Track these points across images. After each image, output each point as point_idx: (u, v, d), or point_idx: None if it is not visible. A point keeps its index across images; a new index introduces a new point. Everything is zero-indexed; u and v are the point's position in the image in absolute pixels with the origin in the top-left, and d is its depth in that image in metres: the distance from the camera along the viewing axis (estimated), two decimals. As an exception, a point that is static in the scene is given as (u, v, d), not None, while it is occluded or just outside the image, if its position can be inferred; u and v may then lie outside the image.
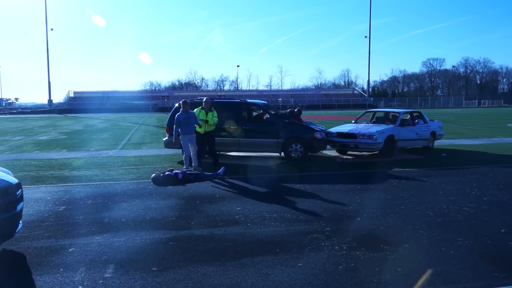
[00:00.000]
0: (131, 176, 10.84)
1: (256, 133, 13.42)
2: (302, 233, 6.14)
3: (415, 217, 6.90)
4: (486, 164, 12.33)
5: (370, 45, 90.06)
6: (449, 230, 6.21)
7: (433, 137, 16.02)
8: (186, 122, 11.27)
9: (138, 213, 7.30)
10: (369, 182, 9.84)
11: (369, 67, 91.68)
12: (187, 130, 11.31)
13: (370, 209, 7.45)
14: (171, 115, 14.00)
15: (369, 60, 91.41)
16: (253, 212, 7.30)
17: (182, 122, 11.27)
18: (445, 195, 8.47)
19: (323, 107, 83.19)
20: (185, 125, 11.27)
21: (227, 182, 9.97)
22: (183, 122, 11.27)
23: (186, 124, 11.27)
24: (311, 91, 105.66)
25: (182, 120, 11.28)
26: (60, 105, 78.24)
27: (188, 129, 11.31)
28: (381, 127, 14.25)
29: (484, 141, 18.76)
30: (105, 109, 74.22)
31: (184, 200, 8.29)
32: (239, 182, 10.03)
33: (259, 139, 13.36)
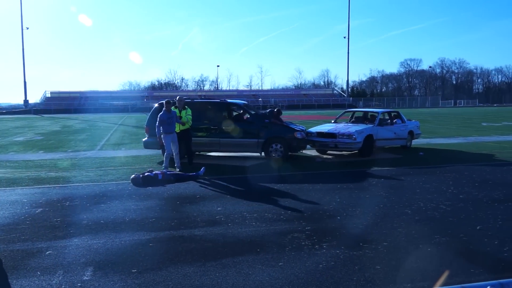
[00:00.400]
0: (110, 177, 10.71)
1: (236, 133, 13.39)
2: (282, 232, 6.16)
3: (394, 215, 6.98)
4: (462, 162, 12.56)
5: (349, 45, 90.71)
6: (426, 228, 6.31)
7: (410, 137, 16.25)
8: (169, 121, 11.49)
9: (117, 215, 7.22)
10: (348, 181, 9.92)
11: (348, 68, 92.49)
12: (170, 129, 11.52)
13: (349, 208, 7.51)
14: (150, 116, 13.91)
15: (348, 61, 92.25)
16: (234, 212, 7.29)
17: (165, 121, 11.44)
18: (423, 193, 8.60)
19: (303, 107, 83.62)
20: (168, 124, 11.47)
21: (207, 183, 9.94)
22: (166, 122, 11.45)
23: (169, 123, 11.48)
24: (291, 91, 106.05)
25: (165, 120, 11.45)
26: (36, 105, 76.82)
27: (171, 128, 11.54)
28: (360, 126, 14.39)
29: (460, 140, 19.12)
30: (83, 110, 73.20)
31: (164, 201, 8.23)
32: (219, 182, 10.00)
33: (239, 139, 13.35)
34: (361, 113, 17.05)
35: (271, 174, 10.97)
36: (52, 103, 78.95)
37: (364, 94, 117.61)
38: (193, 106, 14.06)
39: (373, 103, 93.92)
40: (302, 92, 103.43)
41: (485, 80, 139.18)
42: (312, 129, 14.92)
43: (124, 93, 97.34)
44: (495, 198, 8.16)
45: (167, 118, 11.46)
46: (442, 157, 13.86)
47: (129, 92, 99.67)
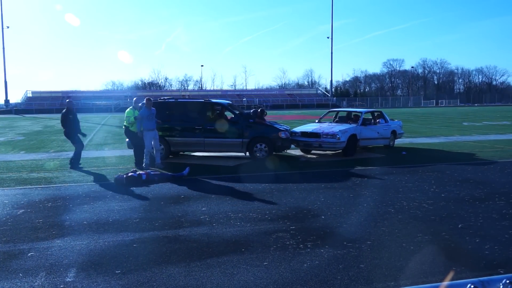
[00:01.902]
0: (93, 178, 10.60)
1: (220, 133, 13.38)
2: (267, 232, 6.17)
3: (377, 214, 7.05)
4: (443, 161, 12.73)
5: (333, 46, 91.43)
6: (409, 226, 6.38)
7: (393, 136, 16.41)
8: (149, 118, 11.82)
9: (101, 216, 7.15)
10: (332, 181, 9.98)
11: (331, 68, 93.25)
12: (150, 126, 11.85)
13: (333, 207, 7.56)
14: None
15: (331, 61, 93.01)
16: (218, 212, 7.28)
17: (145, 118, 11.76)
18: (405, 192, 8.70)
19: (287, 107, 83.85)
20: (149, 121, 11.80)
21: (192, 183, 9.90)
22: (147, 118, 11.77)
23: (149, 120, 11.81)
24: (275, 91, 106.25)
25: (146, 116, 11.77)
26: (17, 105, 75.70)
27: (151, 125, 11.87)
28: (344, 126, 14.48)
29: (441, 140, 19.38)
30: (66, 109, 72.02)
31: (148, 201, 8.18)
32: (204, 182, 9.98)
33: (223, 139, 13.33)
34: (345, 113, 17.17)
35: (255, 174, 10.98)
36: (33, 103, 77.84)
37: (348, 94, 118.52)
38: (177, 106, 14.03)
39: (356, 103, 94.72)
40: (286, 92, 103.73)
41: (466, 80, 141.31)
42: (296, 129, 14.97)
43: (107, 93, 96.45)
44: (476, 196, 8.29)
45: (148, 114, 11.79)
46: (424, 156, 14.03)
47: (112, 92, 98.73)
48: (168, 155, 13.57)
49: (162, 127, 13.36)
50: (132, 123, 12.12)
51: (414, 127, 27.89)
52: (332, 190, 8.95)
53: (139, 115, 11.86)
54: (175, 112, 13.84)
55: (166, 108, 13.87)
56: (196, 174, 10.80)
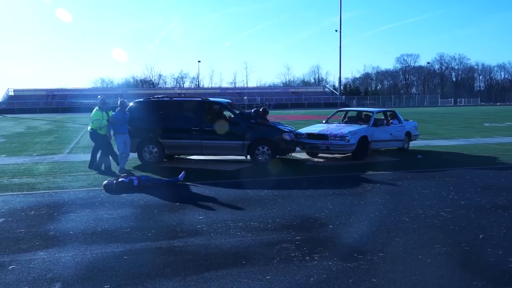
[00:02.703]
0: (80, 184, 10.60)
1: (219, 134, 13.37)
2: (270, 243, 6.15)
3: (390, 224, 7.03)
4: (463, 166, 12.70)
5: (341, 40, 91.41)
6: (425, 237, 6.36)
7: (408, 138, 16.39)
8: (122, 121, 12.15)
9: (88, 225, 7.14)
10: (341, 187, 9.96)
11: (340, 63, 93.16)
12: (122, 129, 12.17)
13: (342, 215, 7.54)
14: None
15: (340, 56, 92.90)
16: (217, 221, 7.27)
17: (117, 121, 12.09)
18: (421, 199, 8.67)
19: (292, 106, 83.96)
20: (121, 124, 12.13)
21: (188, 189, 9.89)
22: (118, 121, 12.10)
23: (122, 123, 12.14)
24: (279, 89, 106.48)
25: (118, 120, 12.10)
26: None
27: (123, 129, 12.18)
28: (354, 127, 14.47)
29: (460, 142, 19.36)
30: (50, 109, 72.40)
31: (140, 209, 8.17)
32: (201, 188, 9.97)
33: (222, 141, 13.32)
34: (355, 113, 17.15)
35: (257, 179, 10.97)
36: (15, 102, 78.08)
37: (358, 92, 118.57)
38: (172, 105, 14.04)
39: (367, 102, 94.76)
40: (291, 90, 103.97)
41: (487, 77, 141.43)
42: (302, 130, 14.96)
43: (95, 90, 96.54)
44: (499, 204, 8.26)
45: (122, 118, 12.14)
46: (441, 160, 14.00)
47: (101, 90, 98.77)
48: (162, 159, 13.57)
49: (156, 128, 13.38)
50: (102, 126, 12.10)
51: (431, 128, 27.86)
52: (341, 197, 8.93)
53: (112, 118, 12.06)
54: (169, 112, 13.84)
55: (160, 107, 13.88)
56: (193, 180, 10.79)
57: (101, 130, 12.21)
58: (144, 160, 13.40)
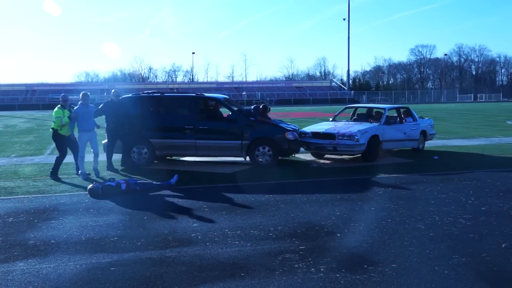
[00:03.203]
0: (62, 188, 10.61)
1: (215, 133, 13.39)
2: (271, 253, 6.15)
3: (404, 232, 7.03)
4: (484, 168, 12.71)
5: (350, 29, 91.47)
6: (442, 246, 6.36)
7: (423, 137, 16.39)
8: (86, 117, 11.84)
9: (72, 233, 7.15)
10: (350, 191, 9.97)
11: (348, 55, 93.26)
12: (87, 126, 11.91)
13: (351, 223, 7.54)
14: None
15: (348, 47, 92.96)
16: (213, 228, 7.27)
17: (79, 116, 11.81)
18: (438, 205, 8.67)
19: (296, 102, 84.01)
20: (85, 120, 11.84)
21: (181, 193, 9.90)
22: (81, 117, 11.80)
23: (85, 119, 11.84)
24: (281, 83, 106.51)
25: (80, 114, 11.81)
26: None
27: (88, 125, 11.92)
28: (364, 125, 14.47)
29: (481, 142, 19.36)
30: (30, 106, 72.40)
31: (128, 215, 8.18)
32: (195, 192, 9.98)
33: (219, 141, 13.33)
34: (365, 110, 17.14)
35: (257, 183, 10.98)
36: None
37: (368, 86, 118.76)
38: (163, 101, 14.04)
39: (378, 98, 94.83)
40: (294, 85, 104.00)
41: (510, 70, 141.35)
42: (307, 128, 14.96)
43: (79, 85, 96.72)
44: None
45: (83, 112, 11.84)
46: (460, 162, 14.01)
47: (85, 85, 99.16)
48: (152, 160, 13.58)
49: (146, 126, 13.37)
50: (64, 125, 11.87)
51: (448, 126, 27.87)
52: (349, 203, 8.94)
53: (73, 113, 11.86)
54: (161, 109, 13.85)
55: (150, 104, 13.88)
56: (186, 183, 10.79)
57: (62, 130, 11.93)
58: (133, 161, 13.38)
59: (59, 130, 11.95)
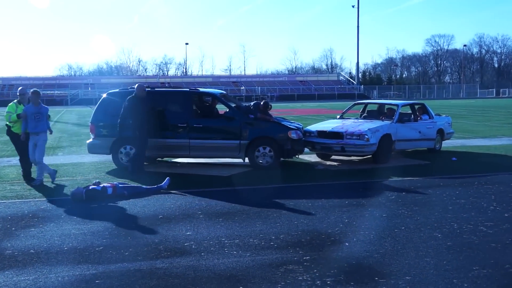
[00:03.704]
0: (43, 192, 10.60)
1: (211, 132, 13.39)
2: (273, 264, 6.15)
3: (419, 241, 7.03)
4: (507, 170, 12.72)
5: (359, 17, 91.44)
6: (461, 257, 6.36)
7: (440, 137, 16.39)
8: (34, 117, 11.42)
9: (53, 242, 7.15)
10: (359, 196, 9.97)
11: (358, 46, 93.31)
12: (35, 127, 11.43)
13: (361, 231, 7.54)
14: (97, 109, 13.82)
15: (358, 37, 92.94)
16: (208, 237, 7.27)
17: (28, 116, 11.39)
18: (457, 211, 8.68)
19: (299, 98, 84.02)
20: (34, 121, 11.41)
21: (173, 198, 9.91)
22: (30, 117, 11.38)
23: (36, 120, 11.43)
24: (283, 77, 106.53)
25: (29, 114, 11.40)
26: None
27: (36, 127, 11.44)
28: (375, 124, 14.46)
29: (504, 141, 19.37)
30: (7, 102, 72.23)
31: (115, 223, 8.17)
32: (189, 198, 9.98)
33: (215, 140, 13.32)
34: (376, 106, 17.15)
35: (257, 187, 10.99)
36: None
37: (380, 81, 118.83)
38: (154, 97, 14.01)
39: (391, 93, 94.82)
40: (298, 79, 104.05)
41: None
42: (312, 127, 14.96)
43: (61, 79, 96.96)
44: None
45: (33, 113, 11.40)
46: (481, 164, 14.02)
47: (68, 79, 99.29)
48: (144, 161, 13.55)
49: (134, 125, 13.34)
50: (15, 122, 11.64)
51: (468, 124, 27.88)
52: (359, 208, 8.94)
53: (23, 112, 11.46)
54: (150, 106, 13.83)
55: (139, 99, 13.86)
56: (179, 187, 10.79)
57: (13, 127, 11.72)
58: (120, 163, 13.38)
59: (12, 127, 11.79)
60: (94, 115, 13.81)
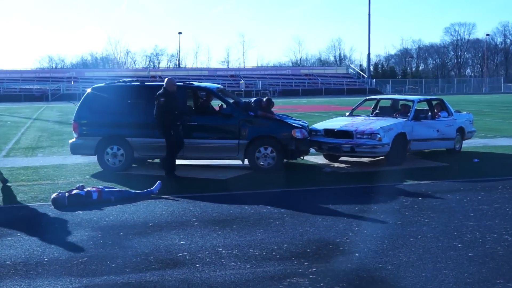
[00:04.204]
0: (20, 197, 10.60)
1: (206, 131, 13.38)
2: (275, 277, 6.15)
3: (437, 251, 7.02)
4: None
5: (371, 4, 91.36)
6: (484, 269, 6.35)
7: (460, 136, 16.37)
8: None
9: (32, 252, 7.14)
10: (370, 201, 9.96)
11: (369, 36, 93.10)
12: None
13: (372, 240, 7.54)
14: (81, 106, 13.81)
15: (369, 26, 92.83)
16: (204, 247, 7.27)
17: None
18: (479, 218, 8.67)
19: (305, 93, 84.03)
20: None
21: (165, 204, 9.91)
22: None
23: None
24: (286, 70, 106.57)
25: None
26: None
27: None
28: (388, 121, 14.46)
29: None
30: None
31: (101, 231, 8.17)
32: (183, 203, 9.98)
33: (211, 139, 13.31)
34: (389, 102, 17.16)
35: (258, 191, 10.99)
36: None
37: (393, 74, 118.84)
38: (144, 92, 14.00)
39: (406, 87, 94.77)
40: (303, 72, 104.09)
41: None
42: (318, 125, 14.96)
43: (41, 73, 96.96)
44: None
45: None
46: (506, 166, 14.03)
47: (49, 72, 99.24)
48: (130, 164, 13.56)
49: (122, 123, 13.33)
50: None
51: (491, 122, 27.88)
52: (370, 215, 8.94)
53: None
54: (140, 101, 13.81)
55: (128, 95, 13.84)
56: (172, 192, 10.79)
57: None
58: (106, 165, 13.37)
59: None
60: (77, 112, 13.81)
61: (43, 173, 13.41)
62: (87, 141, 13.42)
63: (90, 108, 13.59)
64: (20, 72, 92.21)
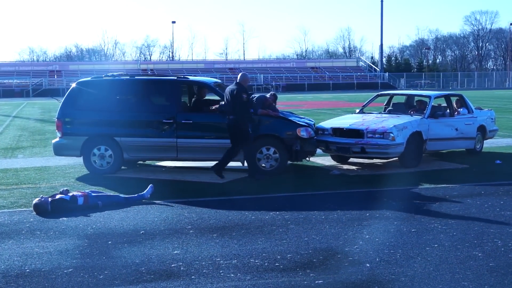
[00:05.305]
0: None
1: (203, 130, 13.39)
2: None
3: (456, 261, 7.04)
4: (562, 176, 12.72)
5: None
6: (507, 280, 6.36)
7: (481, 135, 16.37)
8: None
9: (11, 263, 7.16)
10: (383, 207, 9.97)
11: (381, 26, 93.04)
12: None
13: (385, 249, 7.55)
14: (65, 102, 13.81)
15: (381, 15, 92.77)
16: (200, 257, 7.29)
17: None
18: (501, 225, 8.68)
19: (311, 88, 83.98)
20: None
21: (157, 210, 9.92)
22: None
23: None
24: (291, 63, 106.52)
25: None
26: None
27: None
28: (402, 119, 14.46)
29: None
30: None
31: (87, 239, 8.19)
32: (177, 209, 9.99)
33: (208, 139, 13.32)
34: (403, 98, 17.14)
35: (259, 196, 11.01)
36: None
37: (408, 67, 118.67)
38: (134, 87, 14.02)
39: (421, 82, 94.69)
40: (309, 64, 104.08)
41: None
42: (325, 123, 14.97)
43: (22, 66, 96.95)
44: None
45: None
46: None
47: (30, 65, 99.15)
48: (119, 166, 13.56)
49: (110, 121, 13.33)
50: None
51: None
52: (382, 222, 8.95)
53: None
54: (130, 97, 13.83)
55: (117, 90, 13.85)
56: (165, 197, 10.80)
57: None
58: (93, 167, 13.38)
59: None
60: (61, 109, 13.79)
61: (23, 176, 13.43)
62: (72, 141, 13.41)
63: (75, 105, 13.58)
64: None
